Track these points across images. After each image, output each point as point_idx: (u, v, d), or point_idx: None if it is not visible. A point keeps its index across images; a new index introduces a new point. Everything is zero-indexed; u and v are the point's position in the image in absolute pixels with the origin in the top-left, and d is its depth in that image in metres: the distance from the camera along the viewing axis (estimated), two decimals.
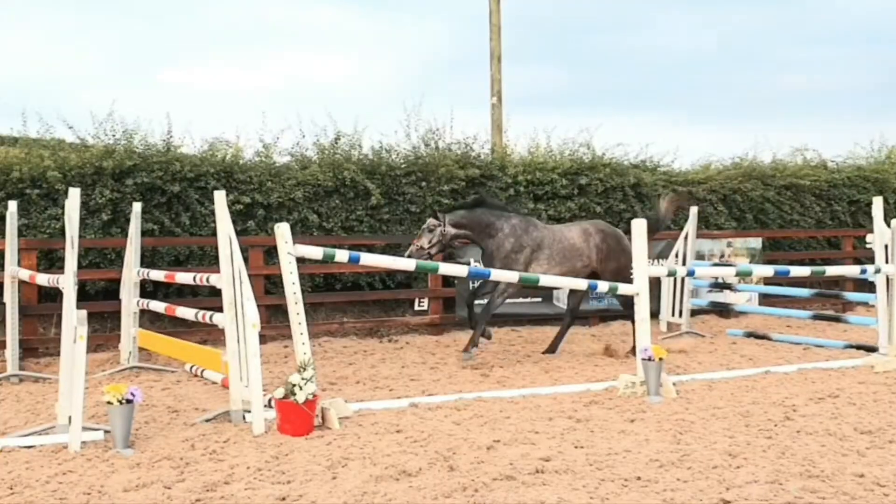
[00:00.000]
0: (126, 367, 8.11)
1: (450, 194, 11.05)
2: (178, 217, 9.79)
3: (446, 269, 7.14)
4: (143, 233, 8.63)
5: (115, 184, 9.45)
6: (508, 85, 13.63)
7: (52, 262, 9.17)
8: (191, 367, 7.34)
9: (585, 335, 10.44)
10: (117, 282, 8.67)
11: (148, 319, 9.00)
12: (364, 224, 10.69)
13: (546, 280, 7.62)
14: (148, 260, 9.19)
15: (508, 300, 10.93)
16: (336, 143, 10.98)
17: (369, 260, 6.94)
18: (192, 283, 7.15)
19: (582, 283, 7.54)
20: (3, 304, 8.06)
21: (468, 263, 10.18)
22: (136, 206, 8.42)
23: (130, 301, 8.25)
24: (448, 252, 9.41)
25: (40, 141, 9.82)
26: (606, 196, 12.09)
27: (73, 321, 5.18)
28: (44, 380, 7.70)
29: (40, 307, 8.90)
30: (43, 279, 6.80)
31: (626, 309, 8.94)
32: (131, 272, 8.26)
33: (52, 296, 8.93)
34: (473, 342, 8.44)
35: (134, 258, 8.29)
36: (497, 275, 7.17)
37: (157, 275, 7.86)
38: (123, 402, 5.10)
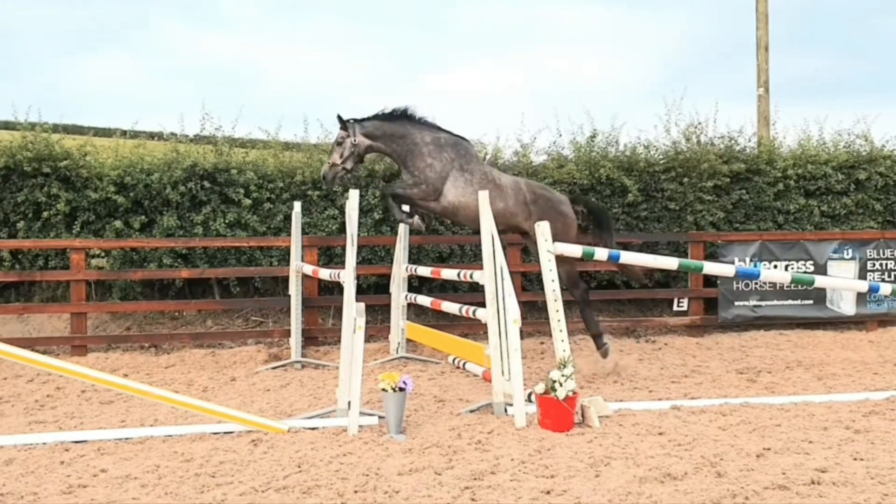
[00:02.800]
0: (395, 358, 8.61)
1: (712, 190, 10.66)
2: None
3: (711, 268, 6.89)
4: (410, 231, 9.11)
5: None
6: (775, 75, 12.92)
7: (330, 258, 9.92)
8: (453, 360, 7.63)
9: (862, 341, 9.65)
10: (387, 277, 9.22)
11: (414, 313, 9.48)
12: (620, 221, 10.54)
13: (821, 281, 7.15)
14: (414, 257, 9.68)
15: (777, 302, 10.31)
16: (592, 140, 10.94)
17: (629, 258, 6.84)
18: (455, 279, 7.35)
19: (862, 285, 6.99)
20: (289, 295, 8.85)
21: (732, 262, 9.78)
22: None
23: (399, 295, 8.73)
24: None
25: (319, 146, 10.62)
26: (887, 192, 11.15)
27: (353, 313, 5.55)
28: (323, 366, 8.34)
29: (320, 299, 9.64)
30: (325, 274, 7.33)
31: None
32: (400, 268, 8.75)
33: (331, 289, 9.69)
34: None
35: (403, 255, 8.78)
36: (767, 275, 6.82)
37: (424, 271, 8.23)
38: (397, 389, 5.41)
